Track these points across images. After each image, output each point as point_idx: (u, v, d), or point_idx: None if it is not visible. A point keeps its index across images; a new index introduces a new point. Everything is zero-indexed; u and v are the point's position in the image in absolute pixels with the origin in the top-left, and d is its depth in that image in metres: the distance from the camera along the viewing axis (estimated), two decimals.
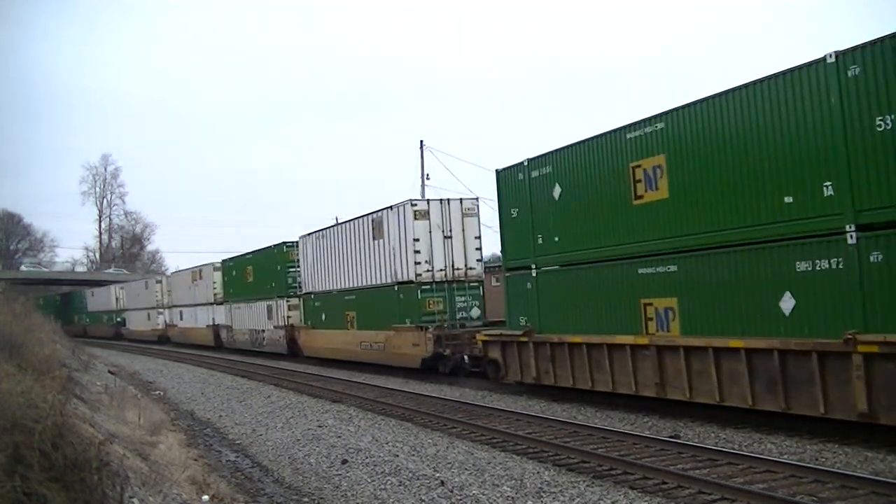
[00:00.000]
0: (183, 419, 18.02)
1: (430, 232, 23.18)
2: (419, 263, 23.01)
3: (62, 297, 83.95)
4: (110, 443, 8.15)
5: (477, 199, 24.23)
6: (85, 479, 6.09)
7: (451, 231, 23.41)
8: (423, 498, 9.60)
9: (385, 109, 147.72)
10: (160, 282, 55.38)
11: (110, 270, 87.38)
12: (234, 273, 40.43)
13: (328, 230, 29.53)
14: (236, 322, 39.74)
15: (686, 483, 9.15)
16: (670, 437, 12.04)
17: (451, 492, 9.71)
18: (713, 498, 8.61)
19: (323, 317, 29.74)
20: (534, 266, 17.34)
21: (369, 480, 10.70)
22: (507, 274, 18.56)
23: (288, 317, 32.98)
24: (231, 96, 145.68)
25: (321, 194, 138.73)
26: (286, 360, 32.41)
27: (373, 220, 25.47)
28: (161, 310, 53.64)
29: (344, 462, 11.93)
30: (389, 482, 10.49)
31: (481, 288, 24.05)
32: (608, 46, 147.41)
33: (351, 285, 27.13)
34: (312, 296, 30.87)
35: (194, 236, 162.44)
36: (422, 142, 41.86)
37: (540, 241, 17.15)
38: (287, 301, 33.17)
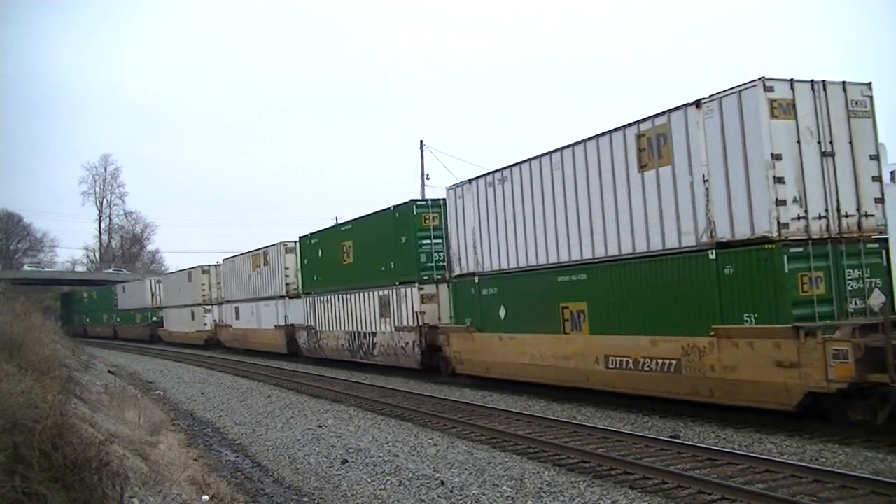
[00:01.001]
0: (183, 419, 18.02)
1: (799, 143, 12.30)
2: (782, 203, 12.11)
3: (86, 294, 75.37)
4: (110, 443, 8.16)
5: (869, 84, 13.08)
6: (85, 479, 6.10)
7: (831, 143, 12.57)
8: (423, 498, 9.60)
9: (385, 109, 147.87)
10: (207, 272, 45.50)
11: (110, 270, 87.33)
12: (319, 253, 29.82)
13: (514, 168, 18.25)
14: (323, 321, 29.30)
15: (686, 483, 9.15)
16: (670, 437, 12.04)
17: (451, 492, 9.71)
18: (713, 498, 8.61)
19: (502, 312, 18.79)
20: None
21: (369, 480, 10.70)
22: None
23: (421, 313, 22.63)
24: (231, 96, 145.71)
25: (321, 194, 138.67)
26: (416, 378, 23.13)
27: (644, 131, 14.30)
28: (208, 306, 44.79)
29: (344, 462, 11.93)
30: (389, 482, 10.49)
31: (885, 252, 13.05)
32: (608, 46, 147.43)
33: (578, 256, 16.15)
34: (477, 279, 19.82)
35: (194, 236, 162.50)
36: (422, 142, 41.72)
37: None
38: (419, 290, 22.69)
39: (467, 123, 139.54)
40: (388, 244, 24.15)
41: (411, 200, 23.66)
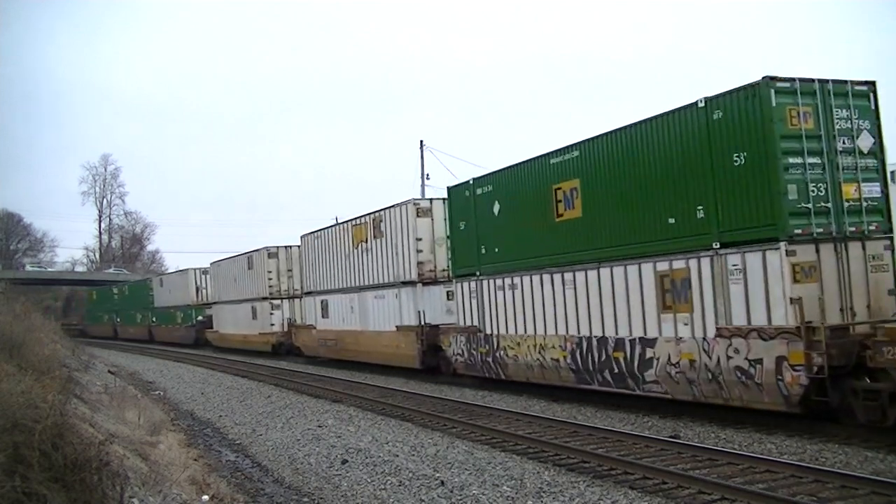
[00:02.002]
0: (183, 419, 18.02)
1: None
2: None
3: (116, 290, 65.40)
4: (110, 443, 8.16)
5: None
6: (85, 480, 6.10)
7: None
8: (423, 498, 9.60)
9: (385, 109, 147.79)
10: (275, 255, 35.56)
11: (110, 270, 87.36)
12: (493, 208, 18.87)
13: None
14: (503, 320, 18.62)
15: (686, 483, 9.15)
16: (670, 437, 12.04)
17: (451, 492, 9.71)
18: (713, 498, 8.61)
19: None
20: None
21: (369, 480, 10.70)
22: None
23: (796, 300, 11.28)
24: (231, 96, 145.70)
25: (321, 194, 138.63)
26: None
27: None
28: (276, 301, 35.33)
29: (344, 462, 11.93)
30: (389, 482, 10.49)
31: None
32: (609, 46, 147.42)
33: None
34: None
35: (194, 236, 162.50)
36: (422, 142, 41.57)
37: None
38: (790, 254, 11.63)
39: (467, 123, 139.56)
40: (692, 169, 13.21)
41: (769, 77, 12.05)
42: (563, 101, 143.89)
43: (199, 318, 46.15)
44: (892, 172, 22.30)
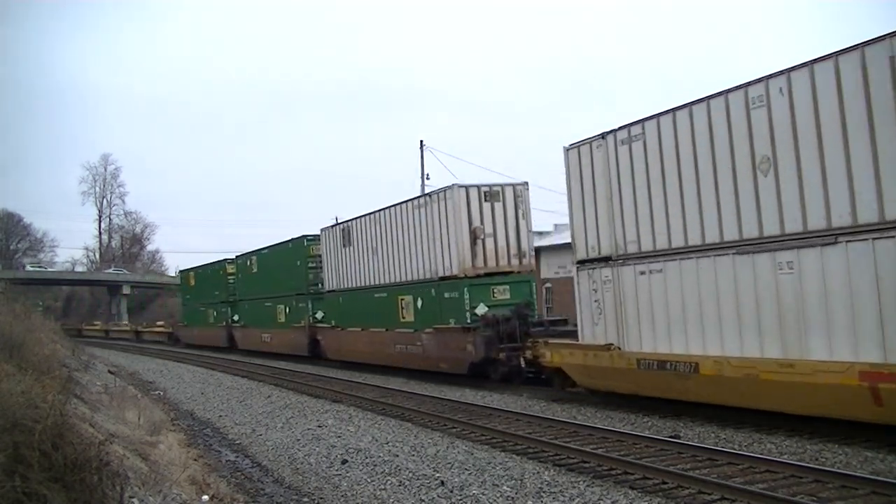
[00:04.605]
0: (183, 419, 18.02)
1: None
2: None
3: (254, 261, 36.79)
4: (110, 443, 8.15)
5: None
6: (85, 480, 6.10)
7: None
8: (423, 498, 9.60)
9: (385, 109, 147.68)
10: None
11: (110, 270, 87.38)
12: None
13: None
14: None
15: (686, 483, 9.14)
16: (670, 437, 12.03)
17: (451, 492, 9.70)
18: (713, 498, 8.60)
19: None
20: None
21: (369, 480, 10.70)
22: None
23: None
24: (231, 96, 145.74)
25: (321, 194, 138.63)
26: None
27: None
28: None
29: (344, 462, 11.92)
30: (389, 482, 10.49)
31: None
32: (609, 46, 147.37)
33: None
34: None
35: (194, 236, 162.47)
36: (422, 142, 41.46)
37: None
38: None
39: (467, 123, 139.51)
40: None
41: None
42: (563, 101, 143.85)
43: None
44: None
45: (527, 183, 21.39)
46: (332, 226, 29.06)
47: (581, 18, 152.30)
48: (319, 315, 30.73)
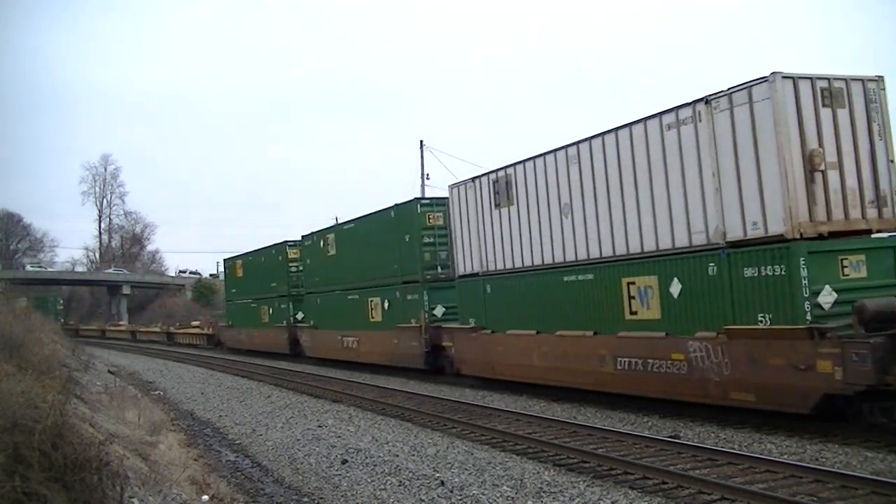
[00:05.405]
0: (183, 419, 18.02)
1: None
2: None
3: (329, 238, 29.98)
4: (110, 443, 8.16)
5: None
6: (85, 480, 6.10)
7: None
8: (422, 498, 9.60)
9: (385, 109, 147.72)
10: None
11: (110, 270, 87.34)
12: None
13: None
14: None
15: (686, 483, 9.14)
16: (670, 437, 12.03)
17: (451, 492, 9.70)
18: (713, 498, 8.60)
19: None
20: None
21: (369, 480, 10.69)
22: None
23: None
24: (231, 96, 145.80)
25: (321, 194, 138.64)
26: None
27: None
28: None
29: (344, 462, 11.92)
30: (389, 482, 10.49)
31: None
32: (608, 44, 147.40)
33: None
34: None
35: (194, 236, 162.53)
36: (422, 142, 41.31)
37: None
38: None
39: (467, 123, 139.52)
40: None
41: None
42: (563, 100, 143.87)
43: None
44: None
45: (882, 78, 12.60)
46: (473, 178, 19.84)
47: (582, 19, 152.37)
48: (439, 312, 22.23)
